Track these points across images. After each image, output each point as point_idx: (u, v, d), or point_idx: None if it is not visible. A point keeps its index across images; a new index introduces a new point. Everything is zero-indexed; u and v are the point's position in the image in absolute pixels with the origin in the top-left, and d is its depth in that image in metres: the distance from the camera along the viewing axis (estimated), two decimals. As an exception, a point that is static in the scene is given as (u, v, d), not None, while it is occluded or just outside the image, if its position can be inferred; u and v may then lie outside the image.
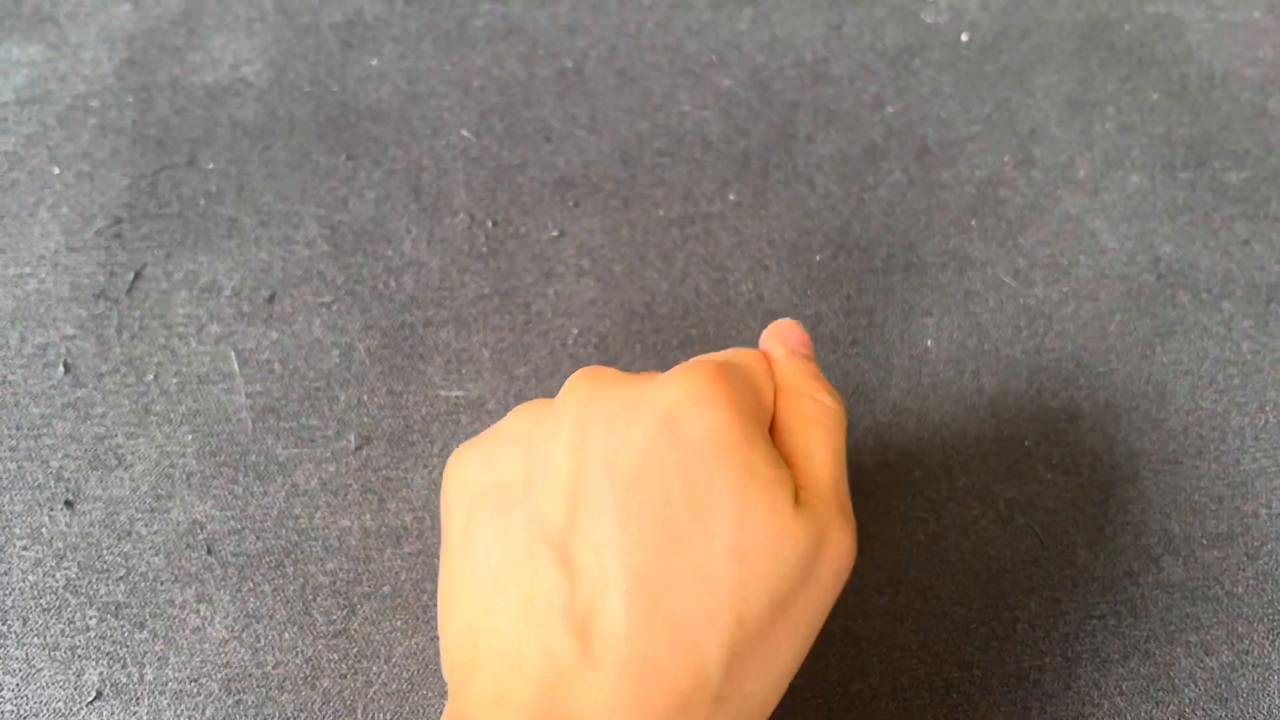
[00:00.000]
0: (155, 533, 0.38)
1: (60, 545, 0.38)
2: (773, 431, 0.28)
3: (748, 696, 0.24)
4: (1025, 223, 0.45)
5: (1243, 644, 0.37)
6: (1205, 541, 0.38)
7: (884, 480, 0.40)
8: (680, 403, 0.25)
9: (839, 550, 0.25)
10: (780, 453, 0.27)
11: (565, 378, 0.40)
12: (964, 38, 0.51)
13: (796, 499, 0.25)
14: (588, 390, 0.27)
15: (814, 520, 0.25)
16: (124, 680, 0.35)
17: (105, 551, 0.37)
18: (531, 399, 0.39)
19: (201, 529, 0.38)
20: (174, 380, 0.41)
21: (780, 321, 0.32)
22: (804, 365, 0.30)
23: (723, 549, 0.24)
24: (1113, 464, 0.40)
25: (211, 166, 0.46)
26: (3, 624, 0.36)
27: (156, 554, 0.37)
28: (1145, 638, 0.37)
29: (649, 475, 0.24)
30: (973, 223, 0.45)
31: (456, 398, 0.41)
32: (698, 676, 0.23)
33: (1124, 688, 0.36)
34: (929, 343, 0.42)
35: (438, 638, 0.36)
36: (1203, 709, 0.36)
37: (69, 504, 0.38)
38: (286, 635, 0.36)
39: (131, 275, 0.43)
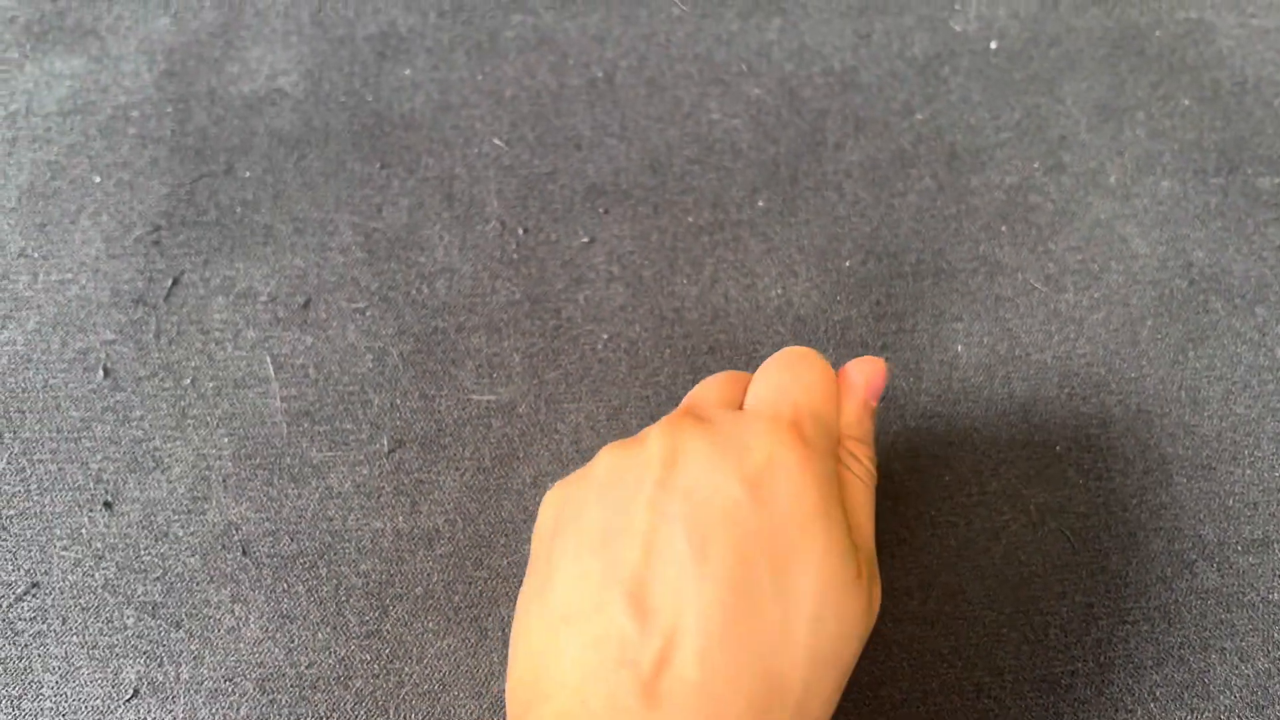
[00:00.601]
0: (192, 534, 0.38)
1: (99, 546, 0.38)
2: None
3: None
4: (1056, 228, 0.45)
5: (1279, 651, 0.36)
6: (1240, 547, 0.38)
7: (915, 485, 0.40)
8: (764, 468, 0.26)
9: (876, 608, 0.27)
10: None
11: (595, 382, 0.41)
12: (993, 45, 0.51)
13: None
14: (672, 442, 0.27)
15: (869, 587, 0.27)
16: (160, 679, 0.36)
17: (143, 552, 0.38)
18: (562, 404, 0.40)
19: (237, 530, 0.38)
20: (211, 384, 0.41)
21: (873, 362, 0.32)
22: (866, 420, 0.31)
23: (801, 617, 0.25)
24: (1145, 469, 0.40)
25: (248, 175, 0.46)
26: (42, 622, 0.37)
27: (193, 555, 0.38)
28: (1179, 644, 0.36)
29: (730, 535, 0.25)
30: (1003, 229, 0.45)
31: (488, 402, 0.41)
32: None
33: (1158, 694, 0.36)
34: (959, 348, 0.42)
35: (469, 639, 0.36)
36: (1238, 716, 0.35)
37: (108, 505, 0.39)
38: (320, 636, 0.37)
39: (170, 281, 0.44)
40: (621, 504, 0.27)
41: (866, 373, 0.31)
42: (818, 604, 0.25)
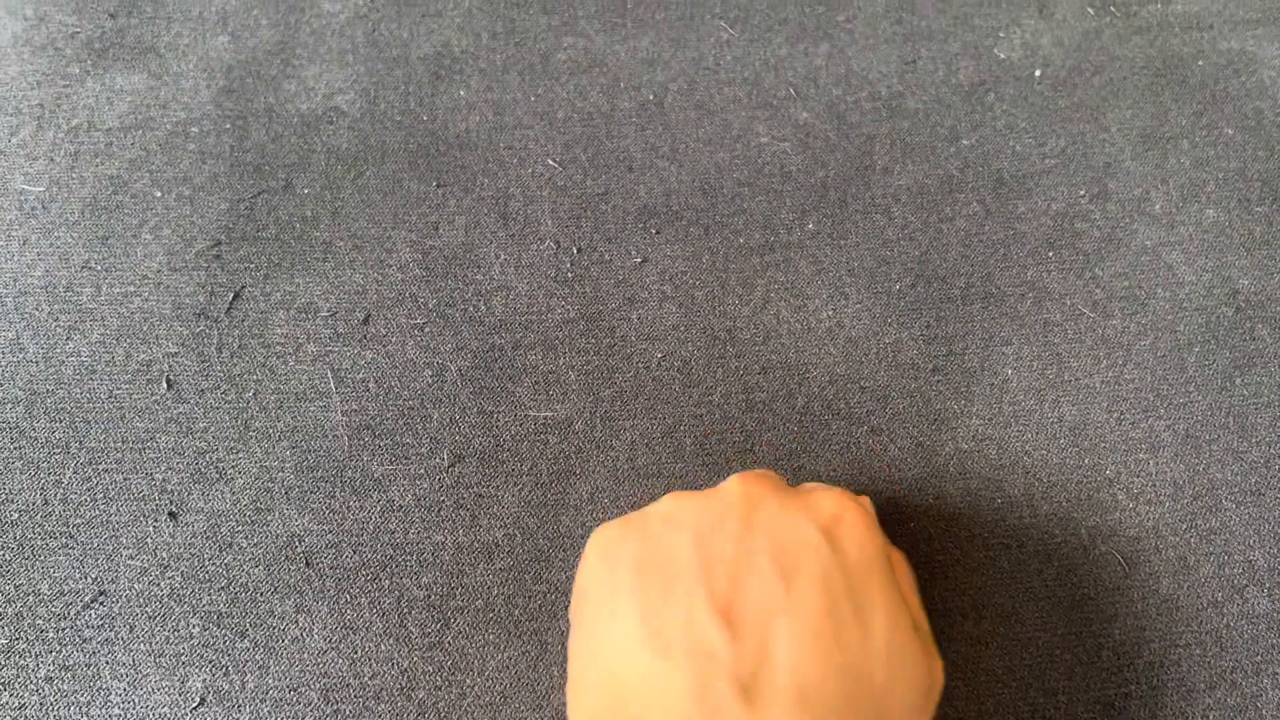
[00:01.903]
0: (255, 545, 0.39)
1: (164, 555, 0.39)
2: None
3: None
4: (1102, 255, 0.46)
5: (1330, 676, 0.37)
6: (1290, 573, 0.39)
7: (966, 507, 0.40)
8: (837, 515, 0.30)
9: (940, 679, 0.30)
10: None
11: (649, 400, 0.41)
12: (1037, 73, 0.51)
13: None
14: (754, 489, 0.30)
15: (927, 651, 0.29)
16: (226, 687, 0.37)
17: (208, 562, 0.39)
18: (618, 421, 0.40)
19: (300, 542, 0.39)
20: (273, 398, 0.42)
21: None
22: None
23: (878, 648, 0.27)
24: (1194, 494, 0.40)
25: (307, 192, 0.47)
26: (110, 630, 0.38)
27: (257, 565, 0.39)
28: (1231, 668, 0.37)
29: (813, 568, 0.28)
30: (1050, 254, 0.46)
31: (545, 418, 0.42)
32: None
33: (1210, 717, 0.36)
34: (1009, 371, 0.43)
35: (529, 652, 0.37)
36: (1291, 740, 0.36)
37: (173, 515, 0.40)
38: (383, 647, 0.37)
39: (231, 295, 0.44)
40: (701, 539, 0.29)
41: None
42: (887, 640, 0.27)
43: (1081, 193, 0.47)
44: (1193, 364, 0.43)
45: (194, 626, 0.38)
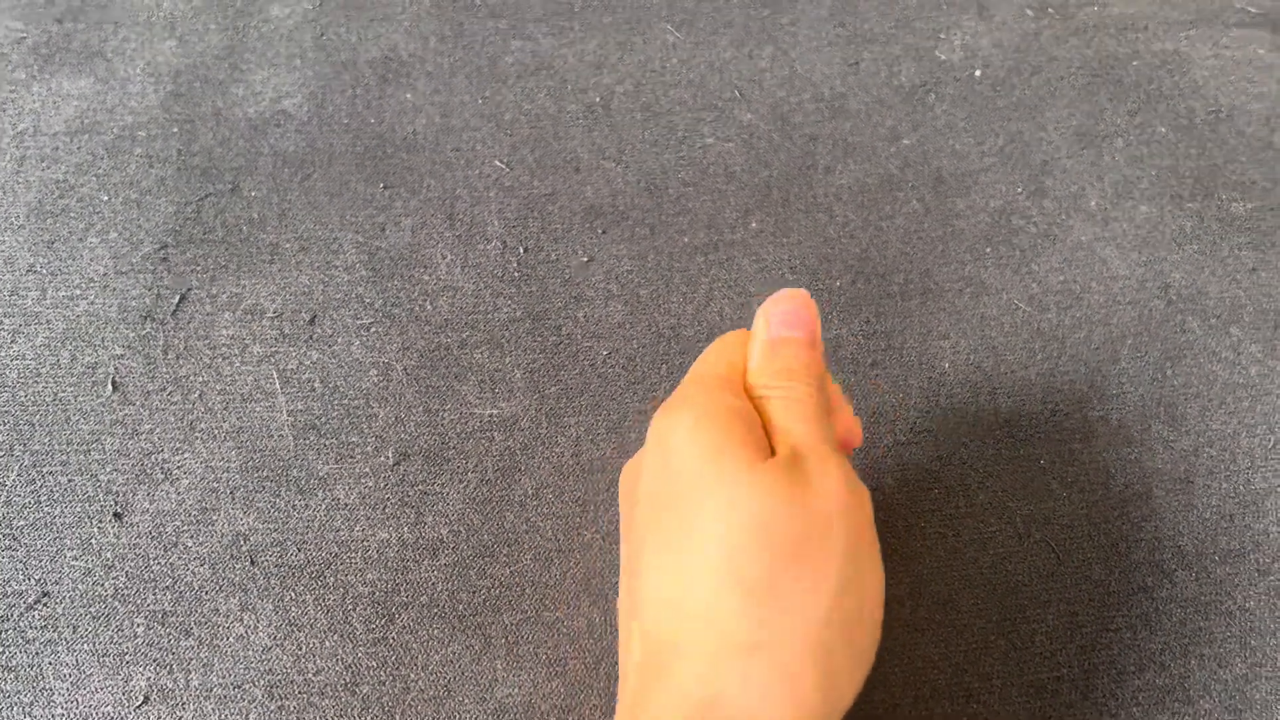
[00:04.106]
0: (201, 544, 0.39)
1: (109, 556, 0.39)
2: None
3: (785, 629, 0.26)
4: (1038, 251, 0.47)
5: (1255, 656, 0.38)
6: (1217, 558, 0.40)
7: (904, 498, 0.41)
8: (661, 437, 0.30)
9: (824, 487, 0.27)
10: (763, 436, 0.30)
11: (594, 396, 0.42)
12: (977, 74, 0.52)
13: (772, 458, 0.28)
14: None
15: (780, 466, 0.28)
16: (170, 686, 0.37)
17: (152, 562, 0.39)
18: (563, 418, 0.41)
19: (245, 541, 0.39)
20: (218, 398, 0.42)
21: (775, 296, 0.33)
22: (778, 355, 0.32)
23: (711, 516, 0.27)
24: (1126, 482, 0.41)
25: (254, 194, 0.47)
26: (54, 631, 0.38)
27: (202, 564, 0.39)
28: (1160, 650, 0.38)
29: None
30: (987, 250, 0.47)
31: (491, 415, 0.42)
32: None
33: (1140, 699, 0.37)
34: (946, 365, 0.44)
35: (473, 646, 0.37)
36: None
37: (118, 516, 0.40)
38: (327, 643, 0.37)
39: (177, 298, 0.44)
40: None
41: (767, 314, 0.33)
42: (728, 510, 0.27)
43: (1019, 190, 0.48)
44: (1125, 356, 0.44)
45: (138, 626, 0.38)
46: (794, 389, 0.31)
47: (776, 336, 0.32)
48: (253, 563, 0.39)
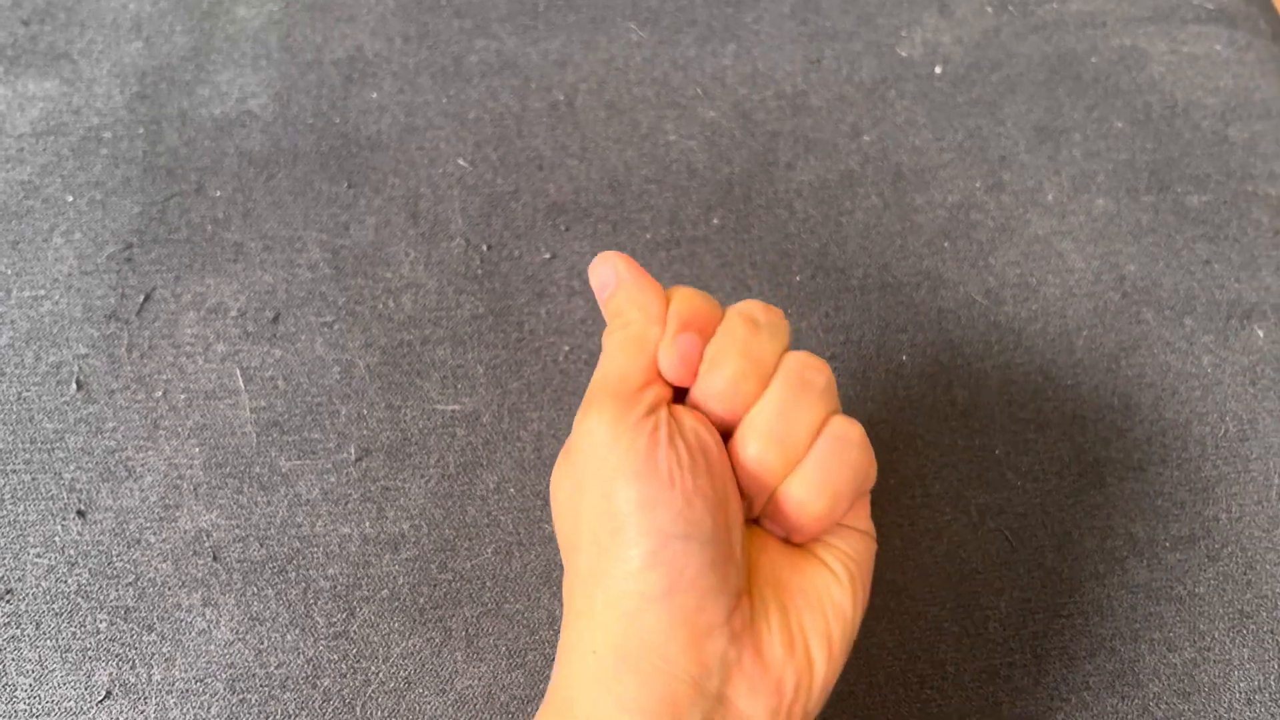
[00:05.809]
0: (163, 540, 0.39)
1: (72, 553, 0.39)
2: None
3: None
4: (996, 244, 0.47)
5: (1204, 641, 0.38)
6: (1168, 544, 0.40)
7: (861, 488, 0.41)
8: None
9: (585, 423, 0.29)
10: None
11: (556, 392, 0.43)
12: (937, 70, 0.53)
13: None
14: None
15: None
16: (132, 680, 0.37)
17: (115, 559, 0.39)
18: (525, 413, 0.41)
19: (208, 537, 0.40)
20: (182, 396, 0.42)
21: (596, 263, 0.33)
22: (612, 303, 0.32)
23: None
24: (1080, 471, 0.42)
25: (219, 194, 0.48)
26: (17, 627, 0.38)
27: (164, 561, 0.39)
28: (1111, 635, 0.38)
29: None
30: (945, 244, 0.47)
31: (452, 412, 0.42)
32: None
33: (1091, 683, 0.38)
34: (904, 358, 0.44)
35: (433, 639, 0.38)
36: (1166, 703, 0.37)
37: (81, 514, 0.40)
38: (289, 637, 0.38)
39: (142, 297, 0.45)
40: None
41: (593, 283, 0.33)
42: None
43: (977, 185, 0.49)
44: (1080, 347, 0.45)
45: (101, 622, 0.38)
46: (625, 327, 0.31)
47: (603, 295, 0.33)
48: (215, 558, 0.39)
